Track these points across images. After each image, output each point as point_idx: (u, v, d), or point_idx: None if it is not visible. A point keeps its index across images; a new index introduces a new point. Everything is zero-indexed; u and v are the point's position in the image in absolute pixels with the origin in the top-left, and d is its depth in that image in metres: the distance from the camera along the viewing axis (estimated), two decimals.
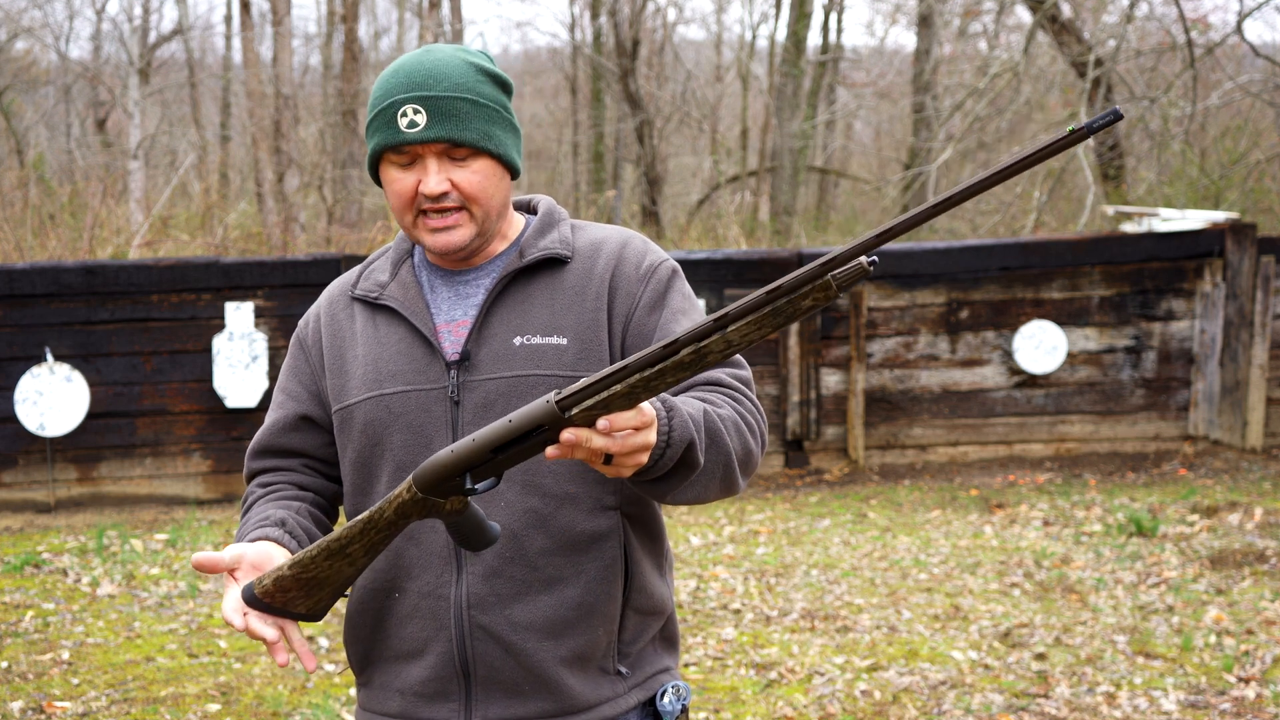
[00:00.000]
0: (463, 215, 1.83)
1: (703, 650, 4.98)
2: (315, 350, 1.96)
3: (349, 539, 1.68)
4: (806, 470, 8.24)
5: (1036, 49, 13.68)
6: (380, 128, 1.82)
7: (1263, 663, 4.68)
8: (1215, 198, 11.85)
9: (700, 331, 1.45)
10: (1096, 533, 6.61)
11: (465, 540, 1.66)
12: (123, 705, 4.52)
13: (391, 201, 1.86)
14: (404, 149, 1.81)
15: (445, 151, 1.81)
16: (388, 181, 1.85)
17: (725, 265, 8.09)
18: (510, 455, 1.56)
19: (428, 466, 1.60)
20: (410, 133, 1.80)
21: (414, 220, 1.84)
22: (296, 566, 1.70)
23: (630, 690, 1.90)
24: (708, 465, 1.70)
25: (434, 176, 1.81)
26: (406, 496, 1.62)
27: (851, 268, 1.41)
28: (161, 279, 7.54)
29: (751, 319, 1.44)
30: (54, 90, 20.06)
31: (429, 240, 1.85)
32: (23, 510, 7.51)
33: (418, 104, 1.80)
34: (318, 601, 1.74)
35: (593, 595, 1.84)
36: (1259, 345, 8.22)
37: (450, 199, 1.82)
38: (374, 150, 1.84)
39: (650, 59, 19.62)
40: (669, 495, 1.70)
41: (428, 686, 1.86)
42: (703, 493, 1.73)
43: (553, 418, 1.50)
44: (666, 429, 1.60)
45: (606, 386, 1.48)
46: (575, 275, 1.88)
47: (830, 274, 1.41)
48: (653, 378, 1.46)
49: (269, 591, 1.71)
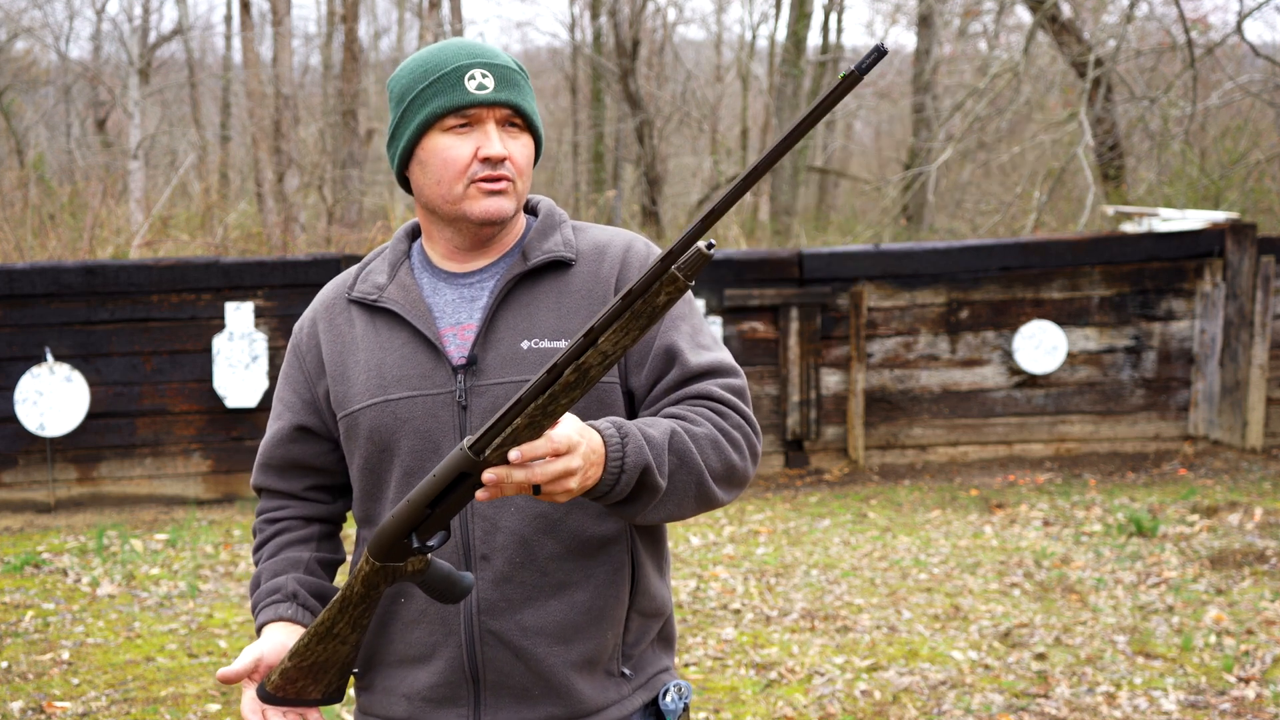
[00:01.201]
0: (511, 185, 1.82)
1: (703, 650, 4.98)
2: (312, 356, 1.94)
3: (332, 621, 1.73)
4: (806, 470, 8.24)
5: (1036, 49, 13.68)
6: (441, 90, 1.79)
7: (1263, 663, 4.68)
8: (1215, 198, 11.85)
9: (574, 350, 1.49)
10: (1096, 533, 6.61)
11: (440, 596, 1.69)
12: (123, 705, 4.52)
13: (439, 171, 1.81)
14: (469, 111, 1.79)
15: (506, 119, 1.81)
16: (436, 150, 1.81)
17: (725, 265, 8.09)
18: (446, 507, 1.60)
19: (376, 536, 1.65)
20: (481, 94, 1.78)
21: (464, 190, 1.81)
22: (295, 657, 1.76)
23: (635, 691, 1.90)
24: (676, 486, 1.71)
25: (497, 140, 1.80)
26: (367, 568, 1.67)
27: (690, 255, 1.44)
28: (161, 279, 7.54)
29: (616, 327, 1.48)
30: (54, 90, 20.06)
31: (481, 205, 1.81)
32: (23, 510, 7.51)
33: (485, 69, 1.80)
34: (328, 684, 1.80)
35: (602, 599, 1.84)
36: (1259, 345, 8.22)
37: (506, 168, 1.81)
38: (433, 113, 1.80)
39: (650, 59, 19.62)
40: (638, 516, 1.72)
41: (436, 691, 1.86)
42: (676, 511, 1.74)
43: (470, 464, 1.54)
44: (620, 455, 1.63)
45: (508, 422, 1.52)
46: (581, 278, 1.87)
47: (673, 266, 1.45)
48: (547, 403, 1.50)
49: (279, 686, 1.78)
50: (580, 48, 19.47)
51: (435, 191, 1.83)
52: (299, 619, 1.88)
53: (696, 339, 1.86)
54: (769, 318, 8.16)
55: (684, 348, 1.83)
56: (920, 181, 13.32)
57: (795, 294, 8.09)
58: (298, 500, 1.99)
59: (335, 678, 1.80)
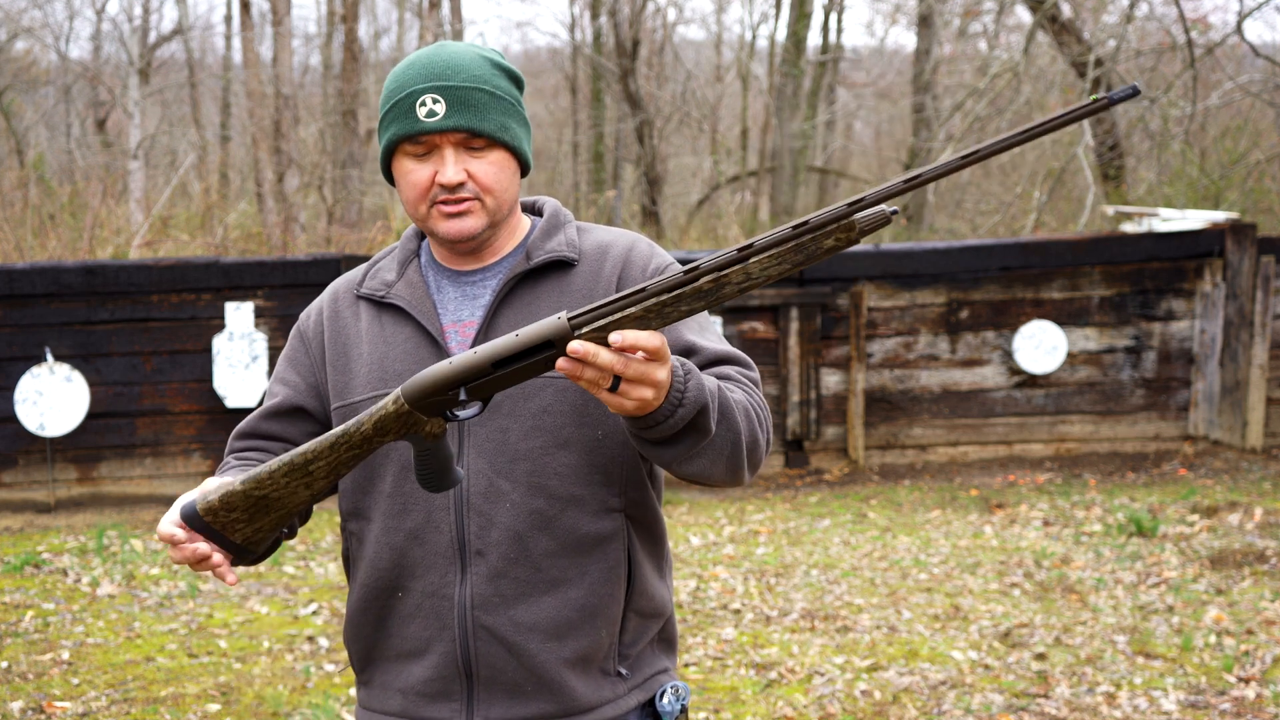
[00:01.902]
0: (475, 204, 1.83)
1: (703, 650, 4.98)
2: (317, 343, 1.97)
3: (315, 455, 1.62)
4: (806, 470, 8.24)
5: (1036, 49, 13.68)
6: (397, 118, 1.81)
7: (1263, 663, 4.68)
8: (1215, 198, 11.85)
9: (722, 261, 1.45)
10: (1096, 533, 6.61)
11: (430, 476, 1.62)
12: (123, 705, 4.52)
13: (405, 194, 1.85)
14: (421, 139, 1.80)
15: (463, 142, 1.81)
16: (402, 173, 1.84)
17: None
18: (511, 372, 1.52)
19: (421, 377, 1.57)
20: (429, 122, 1.79)
21: (428, 211, 1.83)
22: (250, 482, 1.63)
23: (630, 691, 1.90)
24: (717, 437, 1.68)
25: (451, 166, 1.80)
26: (391, 409, 1.58)
27: (874, 213, 1.41)
28: (161, 279, 7.54)
29: (773, 253, 1.44)
30: (54, 90, 20.06)
31: (443, 227, 1.83)
32: (23, 510, 7.51)
33: (436, 93, 1.80)
34: (257, 530, 1.67)
35: (596, 597, 1.84)
36: (1259, 345, 8.22)
37: (466, 190, 1.82)
38: (390, 141, 1.82)
39: (650, 59, 19.62)
40: (676, 461, 1.67)
41: (429, 686, 1.86)
42: (709, 467, 1.70)
43: (562, 332, 1.48)
44: (683, 386, 1.59)
45: (621, 308, 1.47)
46: (582, 278, 1.88)
47: (855, 215, 1.42)
48: (668, 303, 1.46)
49: (213, 508, 1.64)
50: (580, 48, 19.47)
51: (407, 209, 1.88)
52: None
53: (709, 335, 1.87)
54: (769, 317, 8.16)
55: (701, 340, 1.84)
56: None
57: (795, 294, 8.09)
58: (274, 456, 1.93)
59: (269, 528, 1.66)
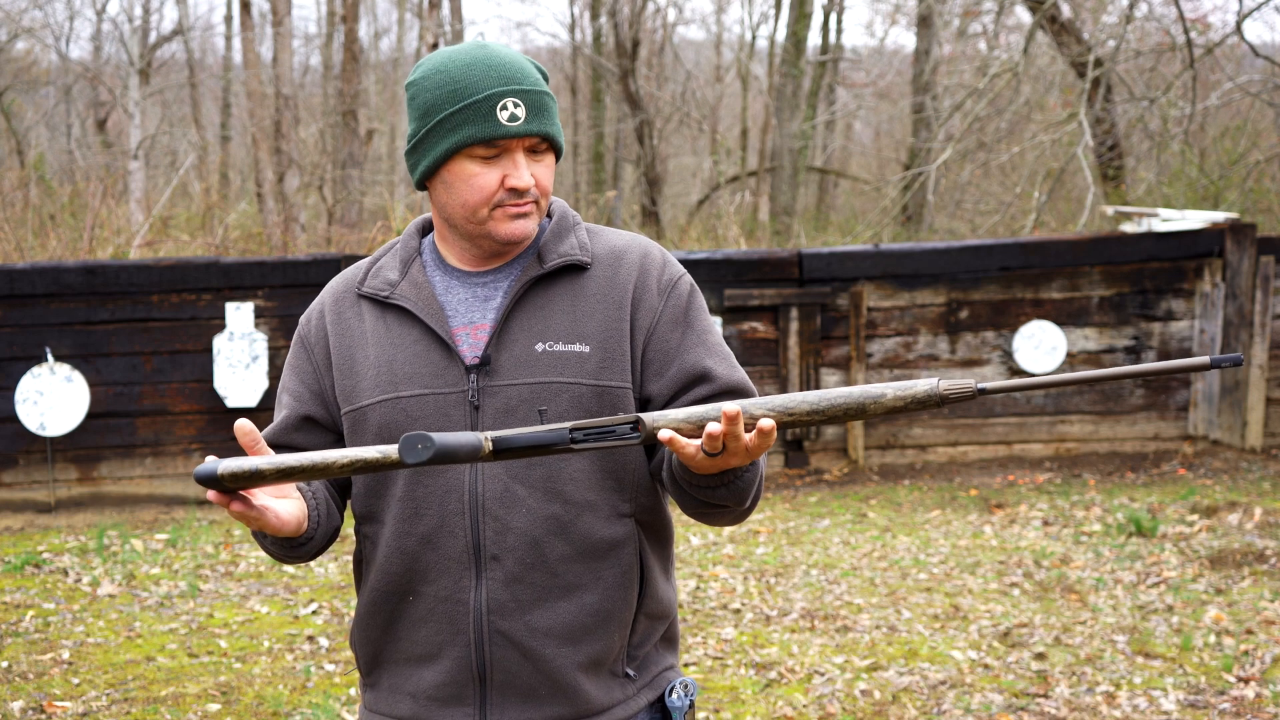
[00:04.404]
0: (534, 206, 1.84)
1: (703, 650, 4.98)
2: (320, 348, 1.93)
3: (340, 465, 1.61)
4: (806, 470, 8.24)
5: (1036, 49, 13.68)
6: (472, 119, 1.78)
7: (1262, 663, 4.68)
8: (1215, 198, 11.85)
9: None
10: (1096, 533, 6.61)
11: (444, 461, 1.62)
12: (123, 705, 4.53)
13: (467, 196, 1.81)
14: (497, 143, 1.79)
15: (532, 146, 1.82)
16: (464, 175, 1.81)
17: (725, 265, 8.09)
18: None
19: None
20: (512, 126, 1.78)
21: (489, 213, 1.82)
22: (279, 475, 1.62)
23: (640, 691, 1.91)
24: (746, 508, 1.82)
25: (525, 171, 1.81)
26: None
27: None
28: (161, 279, 7.54)
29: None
30: (54, 90, 20.06)
31: (505, 229, 1.82)
32: (23, 510, 7.51)
33: (517, 98, 1.79)
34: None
35: (610, 601, 1.85)
36: (1259, 345, 8.23)
37: (531, 194, 1.83)
38: (461, 142, 1.79)
39: (650, 59, 19.63)
40: (693, 508, 1.80)
41: (442, 690, 1.85)
42: (716, 520, 1.84)
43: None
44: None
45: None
46: (597, 283, 1.87)
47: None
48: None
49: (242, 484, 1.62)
50: (580, 48, 19.47)
51: (459, 212, 1.84)
52: (305, 496, 1.82)
53: (725, 361, 1.89)
54: (769, 318, 8.16)
55: (717, 368, 1.87)
56: (920, 181, 13.32)
57: (795, 294, 8.10)
58: None
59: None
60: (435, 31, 15.63)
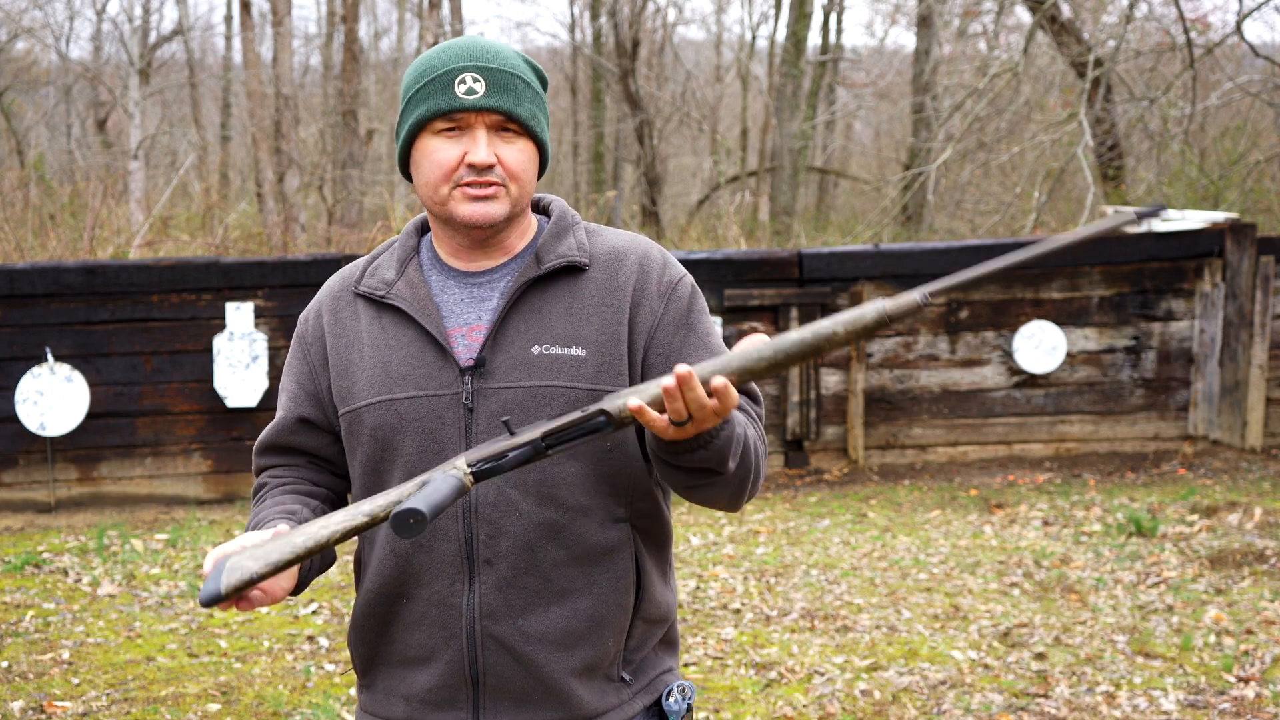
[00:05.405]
0: (501, 190, 1.80)
1: (703, 650, 4.98)
2: (316, 348, 1.92)
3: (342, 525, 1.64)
4: (806, 470, 8.24)
5: (1036, 49, 13.68)
6: (432, 94, 1.78)
7: (1262, 663, 4.68)
8: (1215, 198, 11.85)
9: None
10: (1096, 533, 6.61)
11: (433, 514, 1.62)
12: (123, 705, 4.53)
13: (428, 173, 1.80)
14: (456, 115, 1.77)
15: (497, 124, 1.79)
16: (427, 151, 1.80)
17: (725, 265, 8.09)
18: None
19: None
20: (468, 99, 1.76)
21: (449, 192, 1.79)
22: (273, 567, 1.64)
23: (635, 695, 1.89)
24: (733, 475, 1.75)
25: (483, 147, 1.77)
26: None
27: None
28: (161, 279, 7.54)
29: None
30: (54, 90, 20.07)
31: (465, 210, 1.79)
32: (23, 510, 7.51)
33: (477, 73, 1.78)
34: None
35: (604, 606, 1.83)
36: (1259, 345, 8.23)
37: (495, 173, 1.79)
38: (421, 117, 1.79)
39: (650, 59, 19.64)
40: (687, 487, 1.74)
41: (434, 694, 1.85)
42: (714, 497, 1.77)
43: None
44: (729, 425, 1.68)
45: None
46: (595, 285, 1.85)
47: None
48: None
49: (241, 591, 1.65)
50: (580, 48, 19.47)
51: (425, 192, 1.83)
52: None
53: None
54: (769, 318, 8.16)
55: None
56: (920, 181, 13.33)
57: (795, 294, 8.10)
58: (303, 469, 1.96)
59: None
60: (435, 31, 15.63)
